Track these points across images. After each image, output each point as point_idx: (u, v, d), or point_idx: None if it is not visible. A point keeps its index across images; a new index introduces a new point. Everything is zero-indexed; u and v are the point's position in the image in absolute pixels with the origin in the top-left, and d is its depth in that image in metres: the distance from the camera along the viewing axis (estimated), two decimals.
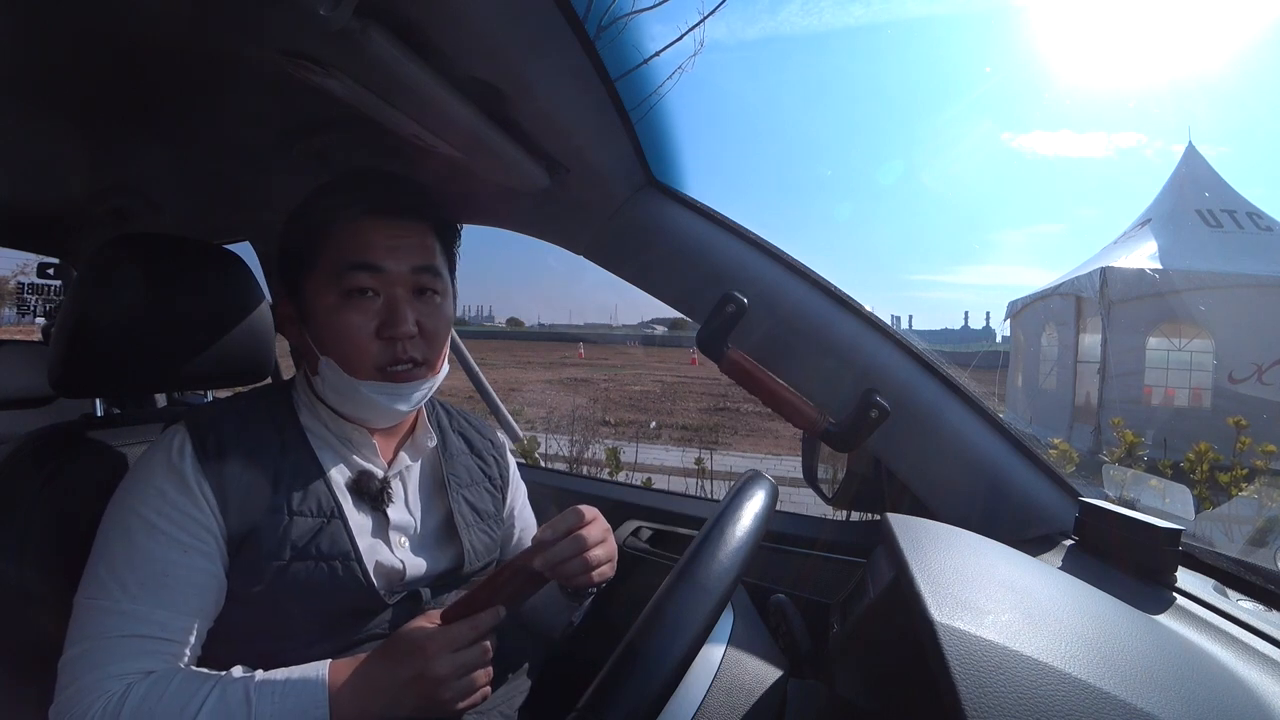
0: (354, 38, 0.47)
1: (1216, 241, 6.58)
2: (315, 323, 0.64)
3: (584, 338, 45.59)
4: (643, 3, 0.63)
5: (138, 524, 0.56)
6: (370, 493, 0.65)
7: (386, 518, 0.66)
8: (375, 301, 0.63)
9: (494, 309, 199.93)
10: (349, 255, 0.62)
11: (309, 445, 0.65)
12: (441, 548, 0.70)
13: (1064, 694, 0.35)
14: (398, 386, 0.64)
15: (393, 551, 0.66)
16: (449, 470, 0.74)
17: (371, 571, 0.62)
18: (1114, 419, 4.53)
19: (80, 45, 0.64)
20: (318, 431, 0.67)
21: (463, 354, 1.58)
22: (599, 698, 0.36)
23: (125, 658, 0.53)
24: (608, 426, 6.37)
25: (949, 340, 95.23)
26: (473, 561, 0.70)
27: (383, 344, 0.63)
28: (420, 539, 0.69)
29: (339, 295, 0.62)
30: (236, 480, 0.59)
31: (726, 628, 0.58)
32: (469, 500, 0.74)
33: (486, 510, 0.76)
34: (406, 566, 0.65)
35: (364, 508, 0.66)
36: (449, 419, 0.81)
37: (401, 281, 0.63)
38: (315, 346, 0.65)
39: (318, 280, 0.63)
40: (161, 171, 1.04)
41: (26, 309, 6.12)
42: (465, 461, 0.77)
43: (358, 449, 0.67)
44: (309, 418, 0.67)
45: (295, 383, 0.70)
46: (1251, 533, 2.00)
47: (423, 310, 0.65)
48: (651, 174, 0.83)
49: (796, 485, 3.54)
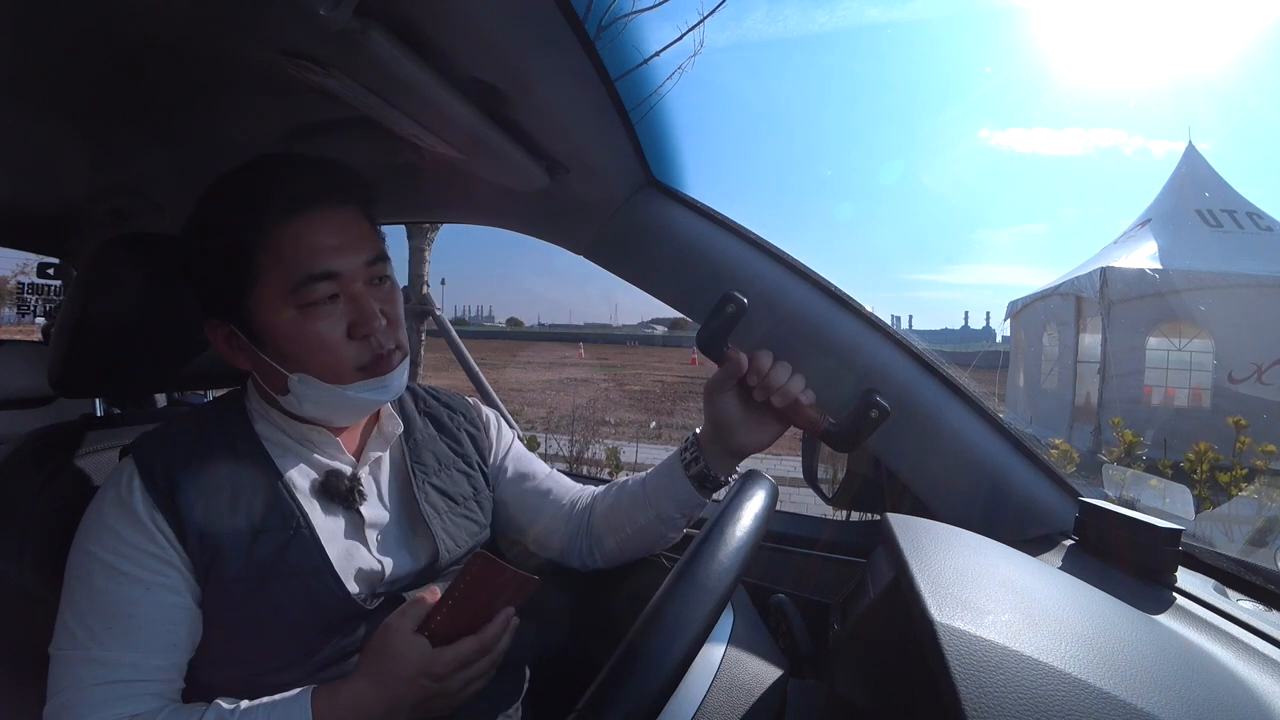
0: (354, 38, 0.47)
1: (1216, 241, 6.59)
2: (276, 341, 0.59)
3: (584, 338, 45.58)
4: (643, 3, 0.63)
5: (96, 568, 0.55)
6: (340, 493, 0.63)
7: (361, 516, 0.64)
8: (338, 305, 0.59)
9: (494, 309, 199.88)
10: (300, 267, 0.57)
11: (266, 454, 0.62)
12: (418, 541, 0.67)
13: (1064, 694, 0.35)
14: (382, 379, 0.61)
15: (371, 552, 0.63)
16: (414, 459, 0.71)
17: (353, 576, 0.61)
18: (1114, 419, 4.54)
19: (80, 45, 0.64)
20: (274, 438, 0.64)
21: (463, 354, 1.58)
22: (599, 698, 0.36)
23: (104, 705, 0.52)
24: (608, 426, 6.37)
25: (949, 340, 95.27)
26: (450, 552, 0.67)
27: (358, 344, 0.60)
28: (396, 534, 0.66)
29: (297, 309, 0.58)
30: (192, 507, 0.57)
31: (726, 628, 0.58)
32: (438, 487, 0.71)
33: (461, 493, 0.73)
34: (385, 566, 0.63)
35: (335, 510, 0.63)
36: (415, 401, 0.78)
37: (359, 277, 0.60)
38: (279, 365, 0.60)
39: (264, 298, 0.58)
40: (161, 171, 1.04)
41: (26, 309, 6.13)
42: (433, 446, 0.74)
43: (320, 448, 0.65)
44: (263, 424, 0.64)
45: (246, 390, 0.67)
46: (1251, 533, 2.00)
47: (381, 298, 0.62)
48: (651, 174, 0.83)
49: (796, 485, 3.54)
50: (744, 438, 0.70)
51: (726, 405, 0.69)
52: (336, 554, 0.60)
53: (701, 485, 0.71)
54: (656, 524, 0.73)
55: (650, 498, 0.74)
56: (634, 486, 0.76)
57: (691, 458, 0.72)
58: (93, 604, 0.54)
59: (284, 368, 0.60)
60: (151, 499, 0.56)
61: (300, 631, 0.58)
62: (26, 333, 5.46)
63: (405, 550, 0.66)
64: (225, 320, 0.61)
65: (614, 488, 0.79)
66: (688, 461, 0.72)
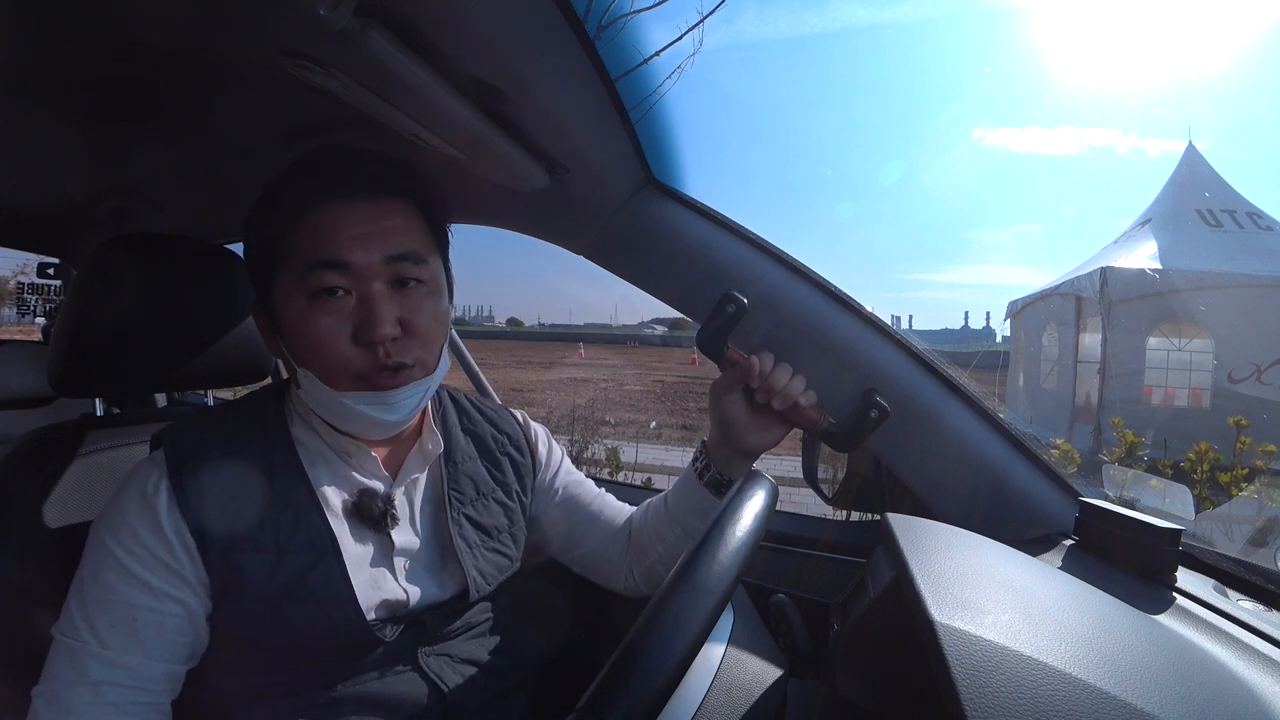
0: (354, 38, 0.47)
1: (1217, 241, 6.59)
2: (288, 331, 0.57)
3: (584, 338, 45.58)
4: (642, 3, 0.63)
5: (109, 562, 0.54)
6: (372, 516, 0.60)
7: (391, 541, 0.61)
8: (348, 301, 0.55)
9: (494, 309, 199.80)
10: (312, 250, 0.55)
11: (300, 465, 0.59)
12: (448, 572, 0.64)
13: (1064, 694, 0.35)
14: (383, 395, 0.57)
15: (396, 580, 0.61)
16: (450, 486, 0.67)
17: (375, 605, 0.58)
18: (1114, 419, 4.54)
19: (80, 45, 0.63)
20: (311, 445, 0.61)
21: (463, 354, 1.58)
22: (599, 697, 0.36)
23: (91, 706, 0.51)
24: (608, 426, 6.37)
25: (949, 340, 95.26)
26: (480, 589, 0.64)
27: (361, 350, 0.55)
28: (425, 563, 0.63)
29: (306, 298, 0.55)
30: (218, 517, 0.55)
31: (726, 628, 0.58)
32: (472, 519, 0.67)
33: (496, 525, 0.69)
34: (410, 595, 0.60)
35: (365, 533, 0.60)
36: (459, 416, 0.73)
37: (375, 275, 0.56)
38: (292, 358, 0.58)
39: (285, 283, 0.57)
40: (161, 171, 1.04)
41: (26, 309, 6.14)
42: (472, 469, 0.70)
43: (357, 464, 0.62)
44: (302, 429, 0.62)
45: (290, 387, 0.64)
46: (1251, 533, 2.00)
47: (406, 305, 0.57)
48: (651, 174, 0.83)
49: (796, 485, 3.54)
50: (752, 438, 0.69)
51: (733, 407, 0.69)
52: (361, 581, 0.58)
53: (718, 492, 0.70)
54: (684, 539, 0.71)
55: (673, 513, 0.73)
56: (658, 504, 0.76)
57: (703, 465, 0.71)
58: (100, 600, 0.53)
59: (295, 361, 0.58)
60: (177, 506, 0.54)
61: (311, 651, 0.57)
62: (26, 333, 5.46)
63: (433, 581, 0.63)
64: (262, 306, 0.60)
65: (644, 507, 0.78)
66: (700, 470, 0.72)
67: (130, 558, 0.54)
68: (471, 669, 0.64)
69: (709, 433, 0.73)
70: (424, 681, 0.60)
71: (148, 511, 0.54)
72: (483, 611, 0.68)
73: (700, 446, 0.73)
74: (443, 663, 0.62)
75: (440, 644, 0.63)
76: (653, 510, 0.76)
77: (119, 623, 0.53)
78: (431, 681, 0.61)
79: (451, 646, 0.64)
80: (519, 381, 12.42)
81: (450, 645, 0.64)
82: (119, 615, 0.53)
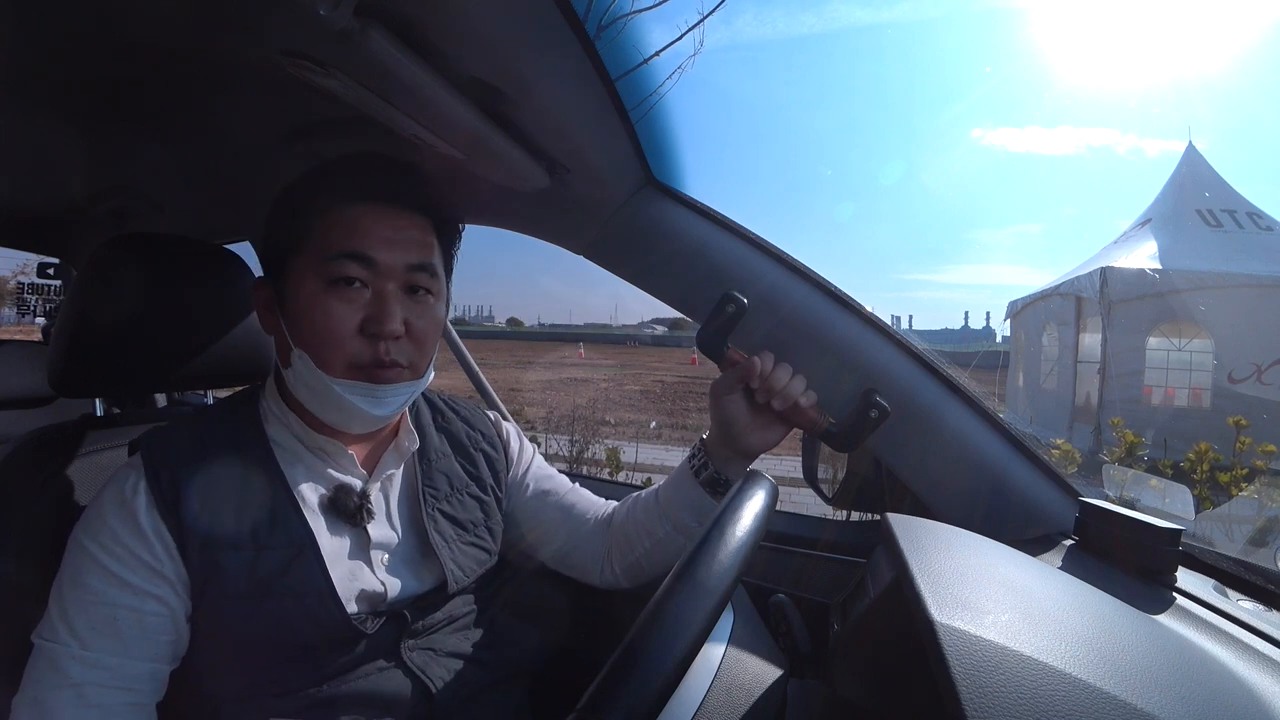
0: (354, 38, 0.47)
1: (1217, 241, 6.59)
2: (294, 311, 0.59)
3: (584, 338, 45.59)
4: (642, 3, 0.63)
5: (88, 563, 0.54)
6: (348, 510, 0.61)
7: (368, 535, 0.62)
8: (363, 294, 0.58)
9: (494, 309, 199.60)
10: (340, 242, 0.58)
11: (276, 465, 0.61)
12: (426, 565, 0.66)
13: (1064, 694, 0.35)
14: (375, 388, 0.59)
15: (374, 573, 0.62)
16: (425, 482, 0.69)
17: (354, 597, 0.59)
18: (1114, 419, 4.54)
19: (80, 45, 0.64)
20: (287, 444, 0.62)
21: (463, 354, 1.58)
22: (599, 698, 0.36)
23: (75, 708, 0.51)
24: (608, 426, 6.37)
25: (949, 340, 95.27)
26: (458, 580, 0.66)
27: (364, 341, 0.58)
28: (403, 556, 0.65)
29: (323, 282, 0.58)
30: (196, 519, 0.56)
31: (726, 628, 0.58)
32: (447, 513, 0.69)
33: (472, 519, 0.71)
34: (388, 588, 0.62)
35: (341, 527, 0.61)
36: (432, 414, 0.75)
37: (394, 276, 0.59)
38: (290, 338, 0.60)
39: (302, 265, 0.59)
40: (161, 171, 1.04)
41: (26, 309, 6.15)
42: (447, 466, 0.72)
43: (333, 460, 0.63)
44: (278, 429, 0.63)
45: (265, 389, 0.66)
46: (1251, 533, 2.00)
47: (413, 310, 0.60)
48: (651, 174, 0.83)
49: (796, 485, 3.54)
50: (752, 438, 0.69)
51: (733, 406, 0.69)
52: (340, 574, 0.59)
53: (714, 490, 0.70)
54: (675, 535, 0.71)
55: (665, 509, 0.72)
56: (648, 498, 0.76)
57: (700, 464, 0.71)
58: (80, 601, 0.53)
59: (293, 341, 0.59)
60: (155, 506, 0.55)
61: (294, 648, 0.57)
62: (26, 333, 5.47)
63: (411, 573, 0.65)
64: (269, 280, 0.63)
65: (629, 501, 0.78)
66: (697, 468, 0.71)
67: (110, 557, 0.54)
68: (456, 663, 0.64)
69: (709, 432, 0.73)
70: (408, 676, 0.61)
71: (126, 512, 0.55)
72: (464, 605, 0.68)
73: (698, 444, 0.73)
74: (426, 656, 0.63)
75: (423, 637, 0.64)
76: (641, 505, 0.76)
77: (100, 623, 0.53)
78: (415, 675, 0.61)
79: (434, 640, 0.64)
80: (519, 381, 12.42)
81: (433, 639, 0.64)
82: (100, 616, 0.53)
